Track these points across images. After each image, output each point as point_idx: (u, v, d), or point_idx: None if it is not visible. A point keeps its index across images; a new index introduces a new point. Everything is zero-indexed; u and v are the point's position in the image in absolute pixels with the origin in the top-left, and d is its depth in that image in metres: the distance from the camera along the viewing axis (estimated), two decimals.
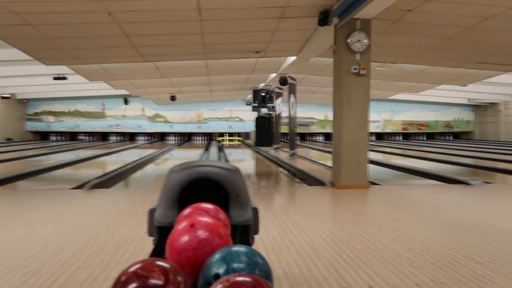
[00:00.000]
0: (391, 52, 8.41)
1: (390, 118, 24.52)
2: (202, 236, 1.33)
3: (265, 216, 3.96)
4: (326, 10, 6.04)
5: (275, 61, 10.45)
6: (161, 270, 1.10)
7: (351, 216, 4.00)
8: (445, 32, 6.89)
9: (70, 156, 12.16)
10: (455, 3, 5.50)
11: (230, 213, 1.79)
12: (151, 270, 1.09)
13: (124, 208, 4.29)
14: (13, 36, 6.61)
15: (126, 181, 7.34)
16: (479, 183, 6.01)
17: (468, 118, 24.88)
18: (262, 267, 1.21)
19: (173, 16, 5.96)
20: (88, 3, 5.24)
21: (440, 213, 4.14)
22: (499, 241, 3.13)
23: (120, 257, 2.72)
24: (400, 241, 3.12)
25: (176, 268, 1.14)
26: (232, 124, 23.66)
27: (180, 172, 1.83)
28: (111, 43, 7.27)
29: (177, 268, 1.14)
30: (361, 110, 5.79)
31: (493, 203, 4.66)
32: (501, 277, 2.39)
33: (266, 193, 5.59)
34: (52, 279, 2.33)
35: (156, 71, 10.58)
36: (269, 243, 3.07)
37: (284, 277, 2.40)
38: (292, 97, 11.30)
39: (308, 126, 24.17)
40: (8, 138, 20.17)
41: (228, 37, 7.30)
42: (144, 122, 23.11)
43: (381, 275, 2.42)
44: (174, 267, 1.13)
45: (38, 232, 3.32)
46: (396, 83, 13.83)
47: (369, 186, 5.79)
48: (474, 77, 11.82)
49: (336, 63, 6.07)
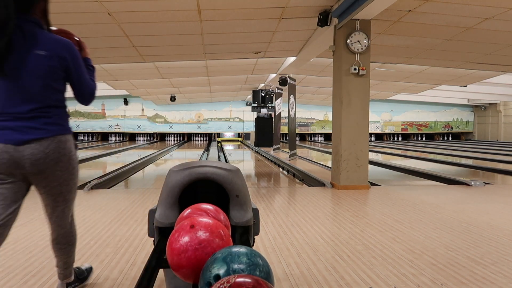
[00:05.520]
0: (391, 53, 8.41)
1: (390, 118, 24.53)
2: (203, 236, 1.33)
3: (265, 217, 3.96)
4: (325, 10, 6.05)
5: (274, 61, 10.46)
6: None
7: (351, 217, 4.00)
8: (444, 33, 6.89)
9: None
10: (454, 3, 5.50)
11: (230, 213, 1.79)
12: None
13: (124, 209, 4.29)
14: None
15: (126, 182, 7.34)
16: (479, 184, 6.02)
17: (468, 119, 24.89)
18: (263, 268, 1.21)
19: (173, 16, 5.96)
20: (88, 3, 5.24)
21: (440, 213, 4.14)
22: (500, 242, 3.13)
23: (120, 258, 2.72)
24: (400, 242, 3.12)
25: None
26: (232, 125, 23.65)
27: (180, 173, 1.83)
28: (111, 43, 7.27)
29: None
30: (361, 110, 5.79)
31: (493, 204, 4.66)
32: (502, 278, 2.39)
33: (266, 193, 5.59)
34: (52, 280, 2.33)
35: (156, 71, 10.58)
36: (270, 244, 3.07)
37: (285, 278, 2.40)
38: (292, 97, 11.30)
39: (307, 126, 24.17)
40: None
41: (228, 37, 7.30)
42: (144, 123, 23.11)
43: (381, 276, 2.42)
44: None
45: (38, 232, 3.32)
46: (395, 83, 13.84)
47: (369, 187, 5.79)
48: (473, 78, 11.83)
49: (335, 63, 6.07)
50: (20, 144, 1.72)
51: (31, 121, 1.74)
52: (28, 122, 1.73)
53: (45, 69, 1.74)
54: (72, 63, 1.82)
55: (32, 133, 1.74)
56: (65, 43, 1.81)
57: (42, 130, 1.76)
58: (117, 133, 23.21)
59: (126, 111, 22.94)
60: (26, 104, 1.73)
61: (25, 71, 1.71)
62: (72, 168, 1.89)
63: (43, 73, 1.74)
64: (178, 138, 23.52)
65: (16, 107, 1.72)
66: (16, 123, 1.72)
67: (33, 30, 1.75)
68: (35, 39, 1.74)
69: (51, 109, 1.80)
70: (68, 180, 1.88)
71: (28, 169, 1.76)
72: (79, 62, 1.85)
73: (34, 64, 1.72)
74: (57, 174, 1.82)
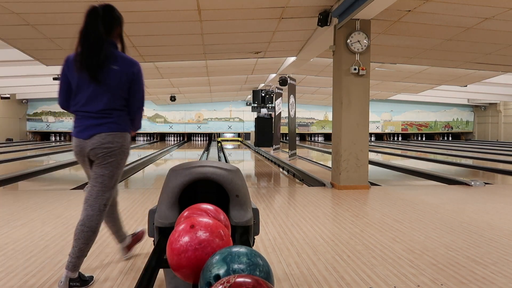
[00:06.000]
0: (391, 53, 8.41)
1: (390, 118, 24.53)
2: (203, 237, 1.33)
3: (265, 217, 3.96)
4: (325, 10, 6.04)
5: (274, 61, 10.45)
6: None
7: (351, 217, 4.00)
8: (444, 33, 6.89)
9: (70, 157, 12.14)
10: (454, 3, 5.50)
11: (230, 213, 1.79)
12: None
13: (124, 209, 4.29)
14: (13, 36, 6.61)
15: (126, 182, 7.34)
16: (479, 184, 6.01)
17: (468, 119, 24.89)
18: (263, 268, 1.21)
19: (173, 16, 5.96)
20: (88, 3, 5.23)
21: (440, 213, 4.14)
22: (500, 242, 3.13)
23: (120, 258, 2.72)
24: (400, 242, 3.12)
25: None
26: (232, 125, 23.66)
27: (180, 173, 1.83)
28: None
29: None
30: (361, 110, 5.79)
31: (493, 204, 4.66)
32: (502, 278, 2.39)
33: (266, 193, 5.59)
34: (52, 280, 2.33)
35: (156, 71, 10.59)
36: (269, 244, 3.07)
37: (285, 278, 2.40)
38: (292, 97, 11.30)
39: (307, 126, 24.17)
40: (8, 138, 20.17)
41: (228, 37, 7.30)
42: (143, 123, 22.40)
43: (381, 276, 2.42)
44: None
45: (38, 232, 3.32)
46: (395, 83, 13.84)
47: (369, 187, 5.79)
48: (473, 78, 11.83)
49: (335, 63, 6.07)
50: (86, 139, 2.23)
51: (98, 119, 2.23)
52: (95, 120, 2.22)
53: (117, 80, 2.22)
54: (136, 80, 2.29)
55: (96, 129, 2.22)
56: (135, 64, 2.29)
57: (104, 126, 2.23)
58: None
59: None
60: (97, 105, 2.22)
61: (104, 81, 2.20)
62: (120, 159, 2.29)
63: (115, 84, 2.22)
64: (178, 138, 23.51)
65: (91, 107, 2.23)
66: (89, 121, 2.23)
67: (111, 49, 2.24)
68: (112, 56, 2.22)
69: (114, 111, 2.26)
70: (112, 168, 2.26)
71: (89, 153, 2.25)
72: (141, 81, 2.33)
73: (110, 76, 2.20)
74: (106, 159, 2.24)
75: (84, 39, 2.20)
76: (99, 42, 2.18)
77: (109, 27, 2.26)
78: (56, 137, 22.81)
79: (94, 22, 2.21)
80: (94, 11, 2.23)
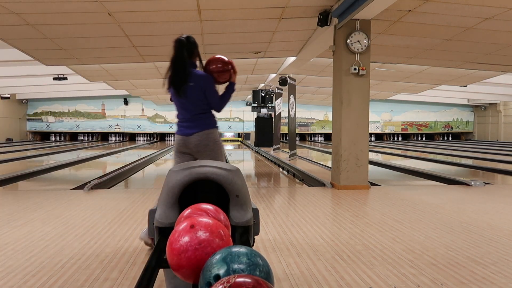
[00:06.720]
0: (391, 53, 8.41)
1: (390, 118, 24.53)
2: (203, 236, 1.33)
3: (265, 217, 3.96)
4: (325, 10, 6.04)
5: (274, 61, 10.45)
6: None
7: (351, 217, 4.00)
8: (444, 33, 6.89)
9: (70, 157, 12.15)
10: (454, 3, 5.50)
11: (230, 213, 1.79)
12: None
13: (124, 209, 4.29)
14: (13, 36, 6.61)
15: (126, 182, 7.34)
16: (479, 184, 6.02)
17: (468, 119, 24.89)
18: (263, 268, 1.21)
19: (173, 16, 5.96)
20: (88, 3, 5.24)
21: (440, 213, 4.14)
22: (500, 242, 3.13)
23: (120, 258, 2.72)
24: (400, 242, 3.12)
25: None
26: (232, 125, 23.66)
27: (180, 173, 1.83)
28: (111, 43, 7.27)
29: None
30: (361, 110, 5.79)
31: (493, 204, 4.66)
32: (502, 278, 2.39)
33: (266, 193, 5.59)
34: (52, 280, 2.33)
35: (156, 71, 10.58)
36: (269, 244, 3.07)
37: (285, 278, 2.40)
38: (292, 97, 11.29)
39: (307, 126, 24.17)
40: (8, 138, 20.17)
41: (228, 37, 7.30)
42: (144, 123, 23.11)
43: (381, 276, 2.42)
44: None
45: (38, 232, 3.32)
46: (395, 83, 13.83)
47: (369, 187, 5.79)
48: (473, 78, 11.83)
49: (335, 63, 6.07)
50: (188, 135, 2.91)
51: (192, 122, 2.92)
52: (190, 123, 2.93)
53: (196, 93, 2.88)
54: (207, 90, 2.90)
55: (193, 129, 2.91)
56: (205, 78, 2.90)
57: (198, 127, 2.91)
58: (117, 133, 23.21)
59: (126, 111, 22.94)
60: (188, 112, 2.93)
61: (188, 94, 2.87)
62: (218, 149, 2.95)
63: (195, 96, 2.88)
64: None
65: (185, 115, 2.95)
66: (186, 124, 2.94)
67: (190, 69, 2.88)
68: (191, 75, 2.86)
69: (201, 115, 2.93)
70: (214, 158, 2.88)
71: (192, 149, 2.92)
72: (212, 89, 2.92)
73: (190, 91, 2.86)
74: (206, 152, 2.90)
75: (173, 64, 2.88)
76: (183, 66, 2.85)
77: (190, 53, 2.91)
78: (56, 137, 22.81)
79: (180, 50, 2.89)
80: (180, 41, 2.90)
